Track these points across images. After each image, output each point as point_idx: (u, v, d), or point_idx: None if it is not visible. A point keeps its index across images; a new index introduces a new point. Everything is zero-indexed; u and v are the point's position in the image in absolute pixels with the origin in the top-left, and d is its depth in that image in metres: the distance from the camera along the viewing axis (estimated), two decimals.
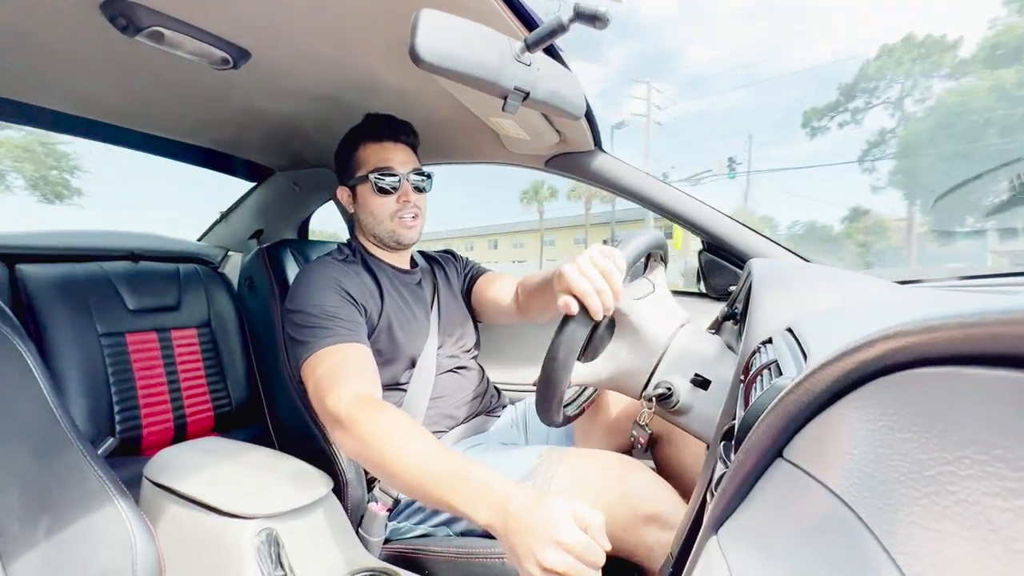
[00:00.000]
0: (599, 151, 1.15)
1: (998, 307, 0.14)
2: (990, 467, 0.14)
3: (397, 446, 0.67)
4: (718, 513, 0.34)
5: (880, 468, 0.20)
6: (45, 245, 1.15)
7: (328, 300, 0.86)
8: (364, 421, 0.70)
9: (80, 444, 0.57)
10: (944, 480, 0.16)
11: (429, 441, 0.68)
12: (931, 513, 0.16)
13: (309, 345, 0.82)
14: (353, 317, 0.87)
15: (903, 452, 0.18)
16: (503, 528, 0.57)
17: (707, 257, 1.21)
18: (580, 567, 0.53)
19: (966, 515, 0.15)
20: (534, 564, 0.53)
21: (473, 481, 0.61)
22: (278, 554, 0.69)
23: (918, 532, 0.17)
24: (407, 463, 0.65)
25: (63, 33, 0.74)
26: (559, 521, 0.54)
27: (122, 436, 1.07)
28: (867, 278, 0.68)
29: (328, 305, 0.85)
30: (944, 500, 0.16)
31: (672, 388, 0.69)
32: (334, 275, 0.90)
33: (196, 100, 1.02)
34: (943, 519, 0.16)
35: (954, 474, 0.16)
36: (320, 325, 0.83)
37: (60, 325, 1.04)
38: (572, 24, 0.55)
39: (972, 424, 0.15)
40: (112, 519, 0.55)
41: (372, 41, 0.77)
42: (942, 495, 0.16)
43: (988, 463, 0.15)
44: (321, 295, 0.86)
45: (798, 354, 0.40)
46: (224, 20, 0.72)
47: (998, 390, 0.15)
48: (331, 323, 0.83)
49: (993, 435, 0.14)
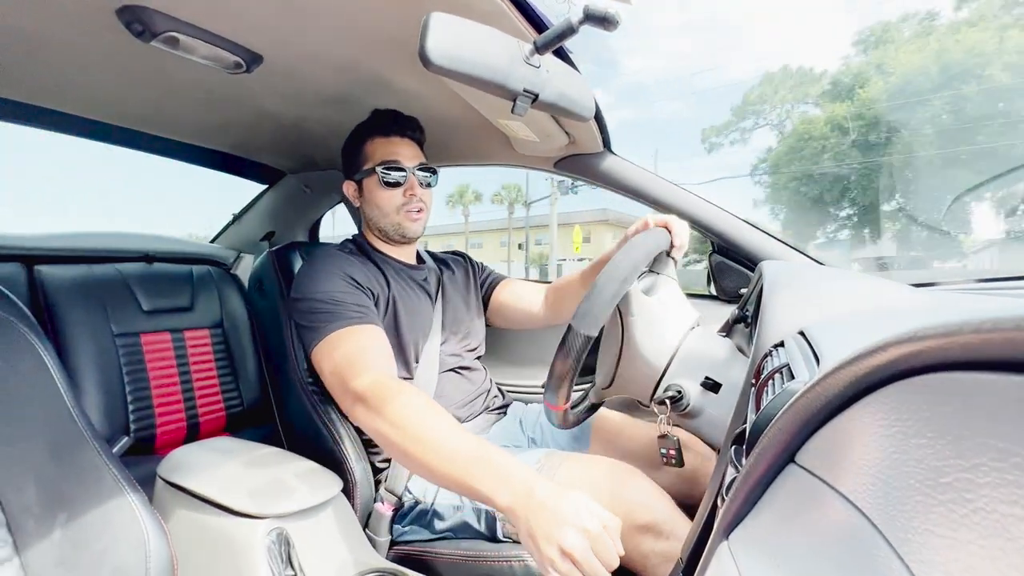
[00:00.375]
0: (609, 153, 1.15)
1: (1015, 312, 0.14)
2: (1008, 475, 0.14)
3: (422, 425, 0.68)
4: (729, 518, 0.33)
5: (895, 474, 0.20)
6: (63, 247, 1.18)
7: (335, 287, 0.86)
8: (390, 399, 0.70)
9: (96, 443, 0.58)
10: (961, 487, 0.16)
11: (452, 423, 0.69)
12: (947, 521, 0.16)
13: (320, 330, 0.82)
14: (361, 301, 0.87)
15: (918, 458, 0.18)
16: (524, 511, 0.58)
17: (718, 259, 1.20)
18: (594, 559, 0.54)
19: (983, 524, 0.15)
20: (554, 545, 0.55)
21: (495, 465, 0.62)
22: (288, 553, 0.69)
23: (934, 540, 0.17)
24: (431, 442, 0.66)
25: (80, 38, 0.75)
26: (586, 511, 0.57)
27: (136, 435, 1.08)
28: (881, 281, 0.67)
29: (336, 291, 0.85)
30: (961, 508, 0.16)
31: (682, 391, 0.68)
32: (339, 264, 0.90)
33: (209, 104, 1.04)
34: (960, 527, 0.16)
35: (971, 481, 0.15)
36: (329, 310, 0.83)
37: (77, 325, 1.05)
38: (582, 26, 0.55)
39: (989, 430, 0.15)
40: (126, 517, 0.56)
41: (382, 44, 0.78)
42: (959, 503, 0.16)
43: (1007, 471, 0.14)
44: (327, 282, 0.87)
45: (810, 358, 0.39)
46: (237, 25, 0.73)
47: (1013, 396, 0.14)
48: (340, 308, 0.84)
49: (1011, 442, 0.14)
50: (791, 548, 0.26)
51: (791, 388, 0.35)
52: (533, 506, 0.58)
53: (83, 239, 1.25)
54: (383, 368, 0.78)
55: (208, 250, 1.55)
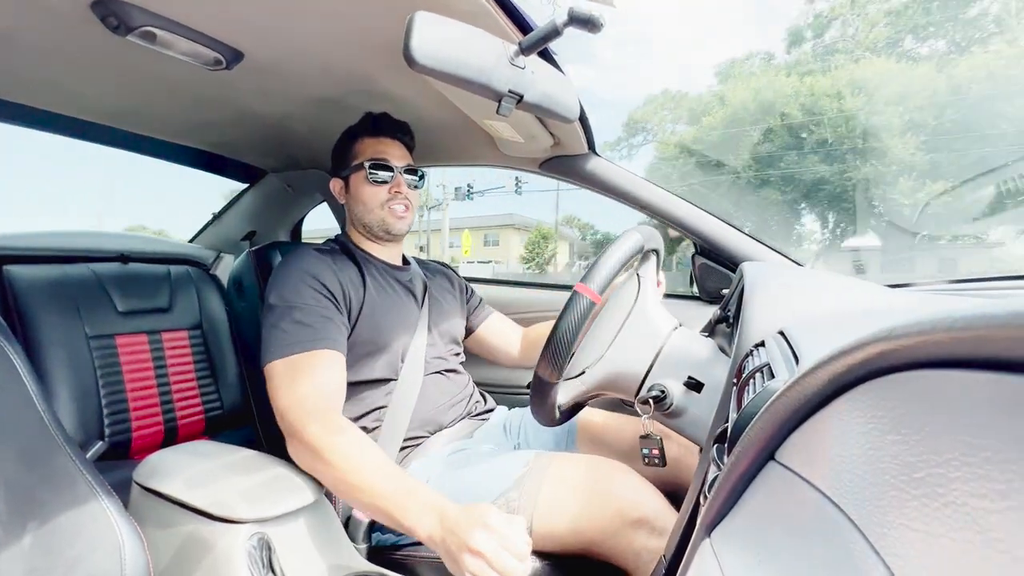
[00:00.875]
0: (593, 154, 1.16)
1: (983, 311, 0.14)
2: (979, 469, 0.15)
3: (352, 466, 0.71)
4: (711, 515, 0.34)
5: (870, 470, 0.20)
6: (33, 246, 1.14)
7: (301, 296, 0.85)
8: (322, 437, 0.74)
9: (68, 448, 0.57)
10: (933, 482, 0.16)
11: (383, 460, 0.73)
12: (921, 515, 0.17)
13: (274, 349, 0.81)
14: (326, 314, 0.85)
15: (893, 454, 0.18)
16: (440, 535, 0.63)
17: (700, 260, 1.21)
18: (503, 553, 0.59)
19: (955, 517, 0.15)
20: (464, 551, 0.60)
21: (419, 499, 0.67)
22: (270, 559, 0.68)
23: (908, 534, 0.17)
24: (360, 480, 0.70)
25: (53, 32, 0.73)
26: (485, 510, 0.62)
27: (111, 440, 1.06)
28: (858, 282, 0.68)
29: (300, 302, 0.84)
30: (934, 502, 0.16)
31: (666, 391, 0.69)
32: (309, 269, 0.88)
33: (189, 101, 1.02)
34: (932, 521, 0.16)
35: (943, 476, 0.16)
36: (288, 329, 0.82)
37: (48, 327, 1.02)
38: (567, 28, 0.56)
39: (960, 426, 0.16)
40: (100, 524, 0.54)
41: (366, 43, 0.77)
42: (931, 497, 0.16)
43: (977, 465, 0.15)
44: (294, 291, 0.85)
45: (790, 357, 0.40)
46: (217, 20, 0.71)
47: (984, 393, 0.15)
48: (299, 327, 0.82)
49: (980, 437, 0.15)
50: (772, 544, 0.27)
51: (771, 387, 0.36)
52: (445, 526, 0.63)
53: (55, 238, 1.21)
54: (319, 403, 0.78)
55: (186, 250, 1.52)
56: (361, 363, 0.91)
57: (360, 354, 0.90)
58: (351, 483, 0.71)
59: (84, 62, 0.82)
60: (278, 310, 0.84)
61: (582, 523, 0.72)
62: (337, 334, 0.85)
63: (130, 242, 1.34)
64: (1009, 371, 0.14)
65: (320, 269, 0.89)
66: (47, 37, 0.74)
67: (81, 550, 0.53)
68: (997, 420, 0.14)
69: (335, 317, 0.86)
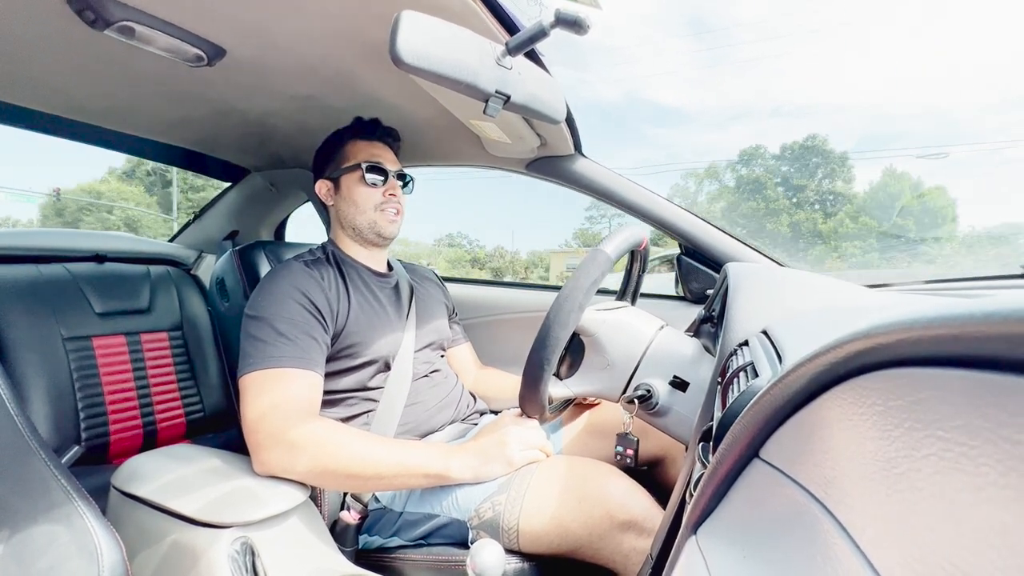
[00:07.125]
0: (580, 156, 1.16)
1: (958, 310, 0.15)
2: (956, 463, 0.15)
3: (359, 447, 0.76)
4: (697, 513, 0.34)
5: (852, 466, 0.20)
6: (6, 245, 1.11)
7: (286, 311, 0.83)
8: (319, 433, 0.75)
9: (42, 453, 0.55)
10: (913, 477, 0.17)
11: (381, 437, 0.82)
12: (901, 509, 0.17)
13: (255, 360, 0.79)
14: (311, 332, 0.84)
15: (873, 450, 0.19)
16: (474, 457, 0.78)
17: (685, 261, 1.22)
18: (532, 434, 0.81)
19: (934, 511, 0.16)
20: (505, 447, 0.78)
21: (436, 447, 0.80)
22: (253, 563, 0.67)
23: (889, 528, 0.17)
24: (374, 454, 0.76)
25: (28, 26, 0.71)
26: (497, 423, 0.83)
27: (88, 444, 1.03)
28: (839, 282, 0.70)
29: (285, 317, 0.83)
30: (913, 496, 0.16)
31: (651, 390, 0.69)
32: (296, 283, 0.87)
33: (170, 98, 1.00)
34: (912, 515, 0.16)
35: (922, 471, 0.16)
36: (272, 342, 0.80)
37: (21, 329, 0.99)
38: (553, 29, 0.56)
39: (938, 423, 0.16)
40: (77, 531, 0.53)
41: (351, 41, 0.76)
42: (911, 491, 0.17)
43: (954, 460, 0.15)
44: (280, 305, 0.84)
45: (773, 356, 0.40)
46: (198, 16, 0.70)
47: (959, 390, 0.15)
48: (283, 342, 0.80)
49: (958, 433, 0.15)
50: (757, 540, 0.27)
51: (755, 386, 0.36)
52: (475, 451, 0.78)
53: (28, 237, 1.18)
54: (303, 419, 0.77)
55: (166, 249, 1.49)
56: (348, 371, 0.90)
57: (347, 363, 0.90)
58: (364, 462, 0.75)
59: (60, 57, 0.80)
60: (257, 323, 0.83)
61: (570, 525, 0.72)
62: (317, 355, 0.84)
63: (107, 241, 1.31)
64: (983, 368, 0.14)
65: (309, 285, 0.88)
66: (21, 31, 0.72)
67: (55, 558, 0.51)
68: (972, 416, 0.15)
69: (319, 337, 0.85)
